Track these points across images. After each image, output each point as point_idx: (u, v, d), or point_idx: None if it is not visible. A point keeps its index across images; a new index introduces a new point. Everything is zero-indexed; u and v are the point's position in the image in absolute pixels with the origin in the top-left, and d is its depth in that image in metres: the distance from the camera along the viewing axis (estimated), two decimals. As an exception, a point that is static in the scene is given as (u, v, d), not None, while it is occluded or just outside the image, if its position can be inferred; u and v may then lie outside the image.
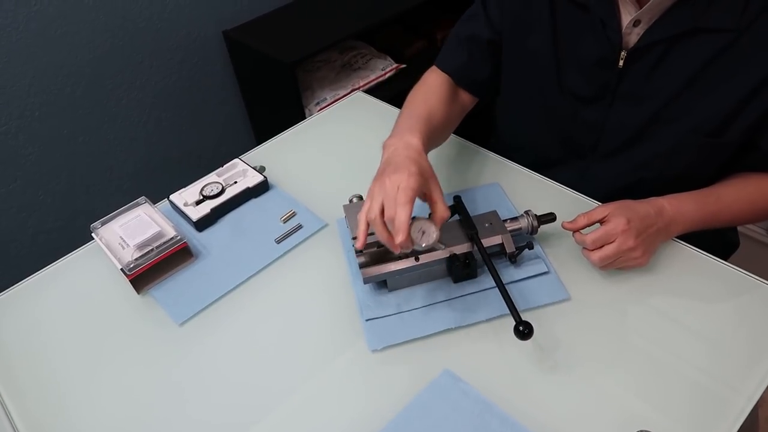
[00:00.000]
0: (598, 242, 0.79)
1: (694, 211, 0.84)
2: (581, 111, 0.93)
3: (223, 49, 1.89)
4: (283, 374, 0.77)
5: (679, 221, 0.83)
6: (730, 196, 0.86)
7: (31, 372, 0.82)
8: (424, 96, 0.97)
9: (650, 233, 0.80)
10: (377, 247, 0.83)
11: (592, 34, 0.85)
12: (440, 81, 1.00)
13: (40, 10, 1.47)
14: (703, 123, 0.84)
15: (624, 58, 0.84)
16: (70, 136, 1.67)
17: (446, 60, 1.03)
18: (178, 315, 0.86)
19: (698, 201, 0.84)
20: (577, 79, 0.91)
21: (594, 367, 0.73)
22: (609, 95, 0.88)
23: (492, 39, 0.98)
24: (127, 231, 0.92)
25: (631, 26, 0.82)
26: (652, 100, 0.85)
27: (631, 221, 0.78)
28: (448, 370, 0.74)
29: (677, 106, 0.84)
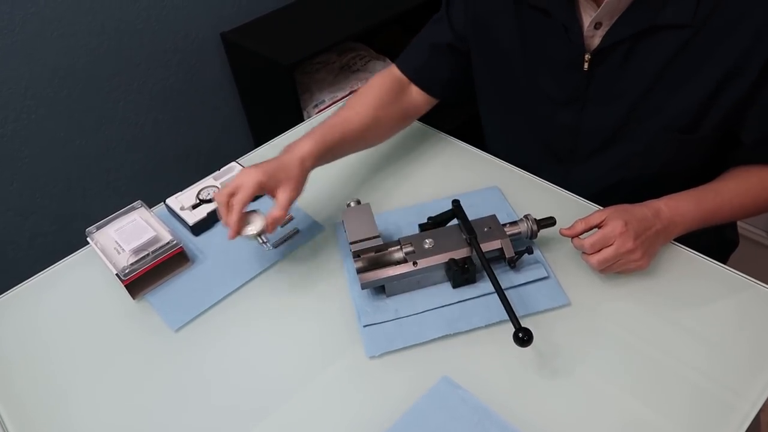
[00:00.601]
0: (596, 245, 0.78)
1: (693, 210, 0.83)
2: (557, 113, 0.94)
3: (220, 51, 1.88)
4: (280, 380, 0.76)
5: (678, 222, 0.82)
6: (730, 190, 0.86)
7: (25, 377, 0.81)
8: (357, 100, 1.00)
9: (649, 235, 0.79)
10: (375, 252, 0.82)
11: (557, 38, 0.86)
12: (384, 83, 1.03)
13: (36, 12, 1.46)
14: (674, 120, 0.84)
15: (588, 61, 0.85)
16: (67, 138, 1.66)
17: (406, 60, 1.05)
18: (174, 321, 0.85)
19: (696, 199, 0.84)
20: (549, 82, 0.92)
21: (595, 374, 0.72)
22: (581, 97, 0.89)
23: (452, 43, 1.00)
24: (123, 235, 0.91)
25: (593, 29, 0.83)
26: (622, 99, 0.86)
27: (628, 223, 0.77)
28: (447, 376, 0.73)
29: (648, 105, 0.85)
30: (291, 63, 1.66)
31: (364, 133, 0.97)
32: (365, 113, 0.98)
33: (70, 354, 0.83)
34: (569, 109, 0.92)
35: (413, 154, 1.10)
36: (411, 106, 1.05)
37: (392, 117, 1.02)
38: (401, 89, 1.04)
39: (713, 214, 0.84)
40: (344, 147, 0.96)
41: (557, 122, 0.94)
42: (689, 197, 0.84)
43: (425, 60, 1.03)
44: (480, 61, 1.00)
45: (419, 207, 0.97)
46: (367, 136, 0.99)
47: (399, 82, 1.04)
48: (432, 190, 1.00)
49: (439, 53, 1.02)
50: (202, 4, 1.76)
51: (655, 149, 0.89)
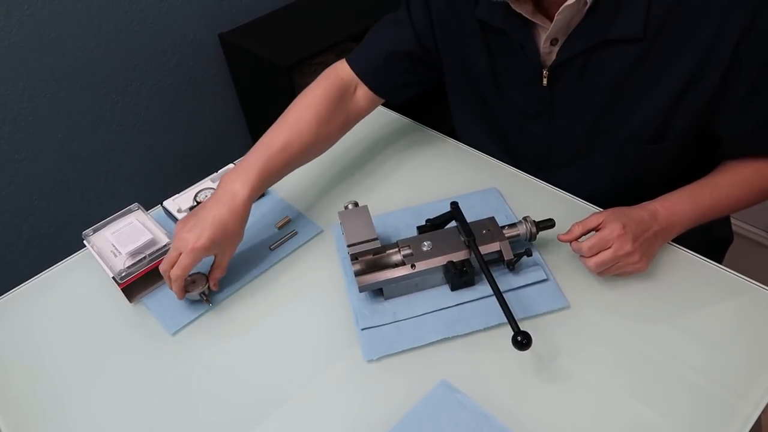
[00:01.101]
0: (594, 249, 0.78)
1: (689, 209, 0.83)
2: (527, 125, 0.95)
3: (218, 52, 1.87)
4: (277, 384, 0.76)
5: (676, 222, 0.82)
6: (727, 183, 0.85)
7: (21, 380, 0.81)
8: (299, 116, 0.94)
9: (647, 237, 0.79)
10: (373, 254, 0.82)
11: (517, 57, 0.88)
12: (328, 92, 0.96)
13: (33, 13, 1.45)
14: (638, 131, 0.86)
15: (547, 77, 0.86)
16: (65, 140, 1.66)
17: (358, 60, 1.00)
18: (171, 324, 0.84)
19: (692, 197, 0.83)
20: (517, 97, 0.93)
21: (595, 377, 0.72)
22: (547, 111, 0.91)
23: (413, 51, 0.97)
24: (120, 238, 0.91)
25: (549, 45, 0.84)
26: (585, 113, 0.88)
27: (626, 226, 0.77)
28: (445, 380, 0.73)
29: (610, 118, 0.86)
30: (289, 64, 1.66)
31: (305, 154, 0.94)
32: (307, 133, 0.93)
33: (66, 357, 0.83)
34: (538, 121, 0.93)
35: (411, 156, 1.09)
36: (353, 112, 1.01)
37: (335, 129, 0.98)
38: (345, 95, 0.99)
39: (711, 209, 0.84)
40: (286, 171, 0.93)
41: (528, 133, 0.96)
42: (684, 196, 0.84)
43: (381, 64, 0.99)
44: (451, 72, 1.01)
45: (417, 209, 0.96)
46: (309, 155, 0.96)
47: (344, 88, 0.99)
48: (430, 191, 1.00)
49: (396, 59, 0.98)
50: (199, 5, 1.76)
51: (622, 160, 0.90)
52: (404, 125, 1.17)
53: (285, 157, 0.90)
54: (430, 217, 0.87)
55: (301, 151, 0.93)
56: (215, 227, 0.81)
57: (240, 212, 0.83)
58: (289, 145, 0.91)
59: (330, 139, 0.99)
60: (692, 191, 0.84)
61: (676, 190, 0.84)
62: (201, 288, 0.85)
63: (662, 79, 0.80)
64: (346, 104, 0.99)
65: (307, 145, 0.93)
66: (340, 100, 0.98)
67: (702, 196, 0.84)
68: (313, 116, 0.94)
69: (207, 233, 0.80)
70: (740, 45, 0.74)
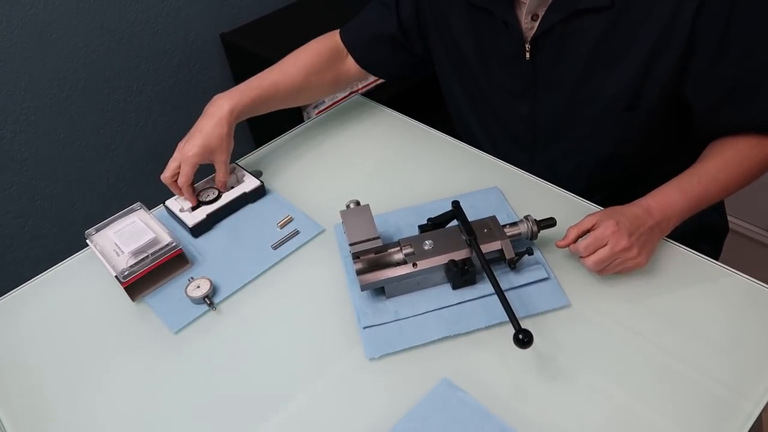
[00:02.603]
0: (590, 247, 0.78)
1: (681, 201, 0.83)
2: (514, 105, 0.98)
3: (220, 51, 1.88)
4: (279, 383, 0.76)
5: (670, 215, 0.82)
6: (712, 168, 0.86)
7: (24, 380, 0.81)
8: (291, 61, 1.07)
9: (643, 231, 0.79)
10: (375, 253, 0.82)
11: (502, 34, 0.91)
12: (322, 50, 1.08)
13: (35, 14, 1.46)
14: (613, 101, 0.88)
15: (529, 50, 0.89)
16: (67, 140, 1.66)
17: (349, 32, 1.11)
18: (174, 323, 0.85)
19: (682, 187, 0.84)
20: (503, 75, 0.96)
21: (596, 375, 0.72)
22: (532, 87, 0.93)
23: (395, 35, 1.05)
24: (122, 238, 0.91)
25: (530, 20, 0.87)
26: (565, 85, 0.91)
27: (620, 222, 0.78)
28: (447, 378, 0.73)
29: (587, 88, 0.89)
30: (290, 64, 1.66)
31: (293, 95, 1.06)
32: (296, 76, 1.05)
33: (69, 356, 0.83)
34: (524, 99, 0.96)
35: (412, 155, 1.10)
36: (344, 74, 1.11)
37: (323, 83, 1.09)
38: (338, 57, 1.10)
39: (703, 197, 0.85)
40: (269, 106, 1.04)
41: (515, 113, 0.99)
42: (674, 188, 0.84)
43: (366, 42, 1.09)
44: (441, 54, 1.04)
45: (419, 208, 0.96)
46: (296, 98, 1.08)
47: (337, 50, 1.10)
48: (431, 190, 1.00)
49: (379, 41, 1.07)
50: (201, 5, 1.76)
51: (602, 130, 0.93)
52: (405, 124, 1.18)
53: (272, 91, 1.03)
54: (432, 216, 0.87)
55: (288, 89, 1.04)
56: (203, 137, 0.96)
57: (224, 122, 0.97)
58: (278, 82, 1.04)
59: (318, 90, 1.10)
60: (681, 182, 0.85)
61: (665, 184, 0.85)
62: (205, 292, 0.86)
63: (632, 48, 0.83)
64: (336, 64, 1.09)
65: (294, 86, 1.05)
66: (331, 59, 1.09)
67: (691, 186, 0.84)
68: (303, 64, 1.06)
69: (197, 143, 0.95)
70: (698, 16, 0.77)
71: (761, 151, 0.85)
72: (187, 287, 0.87)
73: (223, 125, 0.96)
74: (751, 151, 0.85)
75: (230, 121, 0.97)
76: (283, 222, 0.98)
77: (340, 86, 1.13)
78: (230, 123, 0.97)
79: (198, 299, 0.86)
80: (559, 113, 0.95)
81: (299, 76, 1.05)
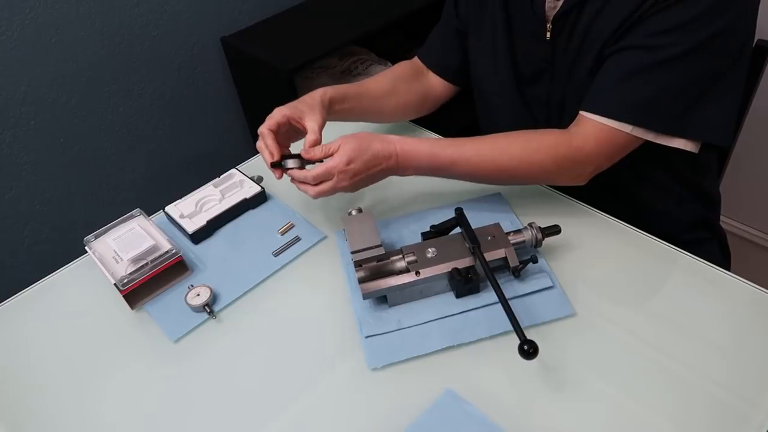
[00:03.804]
0: (318, 178, 0.84)
1: (425, 158, 0.87)
2: (530, 86, 0.98)
3: (221, 56, 1.87)
4: (279, 392, 0.75)
5: (408, 166, 0.88)
6: (472, 148, 0.87)
7: (22, 387, 0.80)
8: (375, 75, 1.09)
9: (373, 174, 0.86)
10: (377, 261, 0.81)
11: (525, 10, 0.91)
12: (404, 66, 1.12)
13: (34, 17, 1.45)
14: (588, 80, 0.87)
15: (550, 30, 0.89)
16: (66, 145, 1.65)
17: (423, 49, 1.14)
18: (173, 331, 0.84)
19: (432, 149, 0.87)
20: (525, 55, 0.96)
21: (603, 385, 0.71)
22: (549, 69, 0.93)
23: (459, 29, 1.06)
24: (121, 244, 0.90)
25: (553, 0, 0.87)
26: (574, 65, 0.89)
27: (351, 162, 0.83)
28: (451, 389, 0.72)
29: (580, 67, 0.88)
30: (291, 68, 1.65)
31: (381, 97, 1.05)
32: (383, 81, 1.06)
33: (67, 363, 0.82)
34: (541, 82, 0.96)
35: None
36: (430, 88, 1.11)
37: (410, 91, 1.09)
38: (419, 72, 1.12)
39: (446, 166, 0.88)
40: (361, 102, 1.02)
41: (533, 96, 0.98)
42: (426, 145, 0.87)
43: (437, 47, 1.11)
44: (473, 42, 1.04)
45: (421, 215, 0.95)
46: (386, 102, 1.06)
47: (418, 67, 1.12)
48: (434, 197, 0.99)
49: (448, 39, 1.08)
50: (202, 8, 1.76)
51: None
52: (408, 130, 1.17)
53: (362, 89, 1.03)
54: (435, 223, 0.86)
55: (376, 92, 1.04)
56: (295, 101, 0.94)
57: (316, 95, 0.95)
58: (367, 82, 1.05)
59: (405, 100, 1.08)
60: (436, 144, 0.88)
61: (423, 138, 0.89)
62: (205, 300, 0.84)
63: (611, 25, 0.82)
64: (421, 77, 1.11)
65: (382, 90, 1.05)
66: (415, 74, 1.11)
67: (441, 152, 0.87)
68: (390, 72, 1.10)
69: (290, 104, 0.93)
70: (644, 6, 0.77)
71: (552, 147, 0.85)
72: (187, 295, 0.86)
73: (315, 97, 0.94)
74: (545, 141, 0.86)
75: (322, 97, 0.95)
76: (284, 228, 0.97)
77: (428, 103, 1.12)
78: (322, 98, 0.95)
79: (198, 307, 0.84)
80: (569, 94, 0.93)
81: (387, 79, 1.07)
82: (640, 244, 0.87)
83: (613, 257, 0.86)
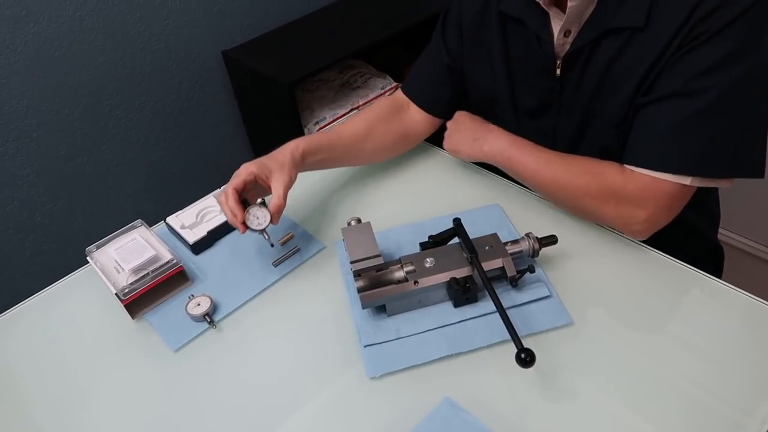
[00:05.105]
0: None
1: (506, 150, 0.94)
2: (535, 119, 0.98)
3: (222, 69, 1.89)
4: (279, 401, 0.75)
5: (489, 152, 0.96)
6: (547, 158, 0.91)
7: (24, 397, 0.80)
8: (353, 116, 1.07)
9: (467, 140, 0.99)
10: (376, 271, 0.81)
11: (533, 47, 0.90)
12: (383, 103, 1.09)
13: (38, 31, 1.47)
14: (611, 117, 0.87)
15: (560, 67, 0.88)
16: (68, 156, 1.67)
17: (407, 83, 1.11)
18: (174, 341, 0.84)
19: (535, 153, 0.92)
20: (528, 89, 0.96)
21: (599, 394, 0.71)
22: (556, 102, 0.93)
23: (450, 64, 1.04)
24: (123, 254, 0.91)
25: (563, 37, 0.86)
26: (583, 100, 0.89)
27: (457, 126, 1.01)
28: (449, 398, 0.72)
29: (597, 104, 0.88)
30: (291, 81, 1.67)
31: (356, 142, 1.03)
32: (359, 124, 1.04)
33: (69, 373, 0.83)
34: (548, 115, 0.95)
35: (414, 172, 1.10)
36: (410, 124, 1.09)
37: (389, 132, 1.06)
38: (400, 108, 1.09)
39: (516, 168, 0.94)
40: (336, 151, 1.00)
41: (536, 130, 0.97)
42: (530, 153, 0.92)
43: (424, 81, 1.08)
44: (472, 75, 1.03)
45: (420, 225, 0.96)
46: (361, 147, 1.04)
47: (399, 103, 1.09)
48: (433, 208, 1.00)
49: (436, 78, 1.06)
50: (203, 22, 1.78)
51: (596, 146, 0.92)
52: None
53: (335, 137, 1.01)
54: (433, 233, 0.87)
55: (352, 136, 1.03)
56: (264, 157, 0.93)
57: (286, 151, 0.93)
58: (342, 129, 1.03)
59: (382, 141, 1.06)
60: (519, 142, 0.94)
61: (523, 140, 0.94)
62: (205, 310, 0.85)
63: (636, 67, 0.81)
64: (400, 115, 1.09)
65: (358, 135, 1.03)
66: (395, 110, 1.08)
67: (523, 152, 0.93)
68: (366, 115, 1.07)
69: (257, 159, 0.92)
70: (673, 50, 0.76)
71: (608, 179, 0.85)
72: (188, 305, 0.87)
73: (285, 153, 0.93)
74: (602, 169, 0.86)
75: (293, 152, 0.93)
76: (284, 239, 0.97)
77: (408, 140, 1.10)
78: (293, 153, 0.93)
79: (198, 317, 0.85)
80: (573, 130, 0.93)
81: (363, 123, 1.04)
82: (636, 254, 0.88)
83: (609, 267, 0.86)
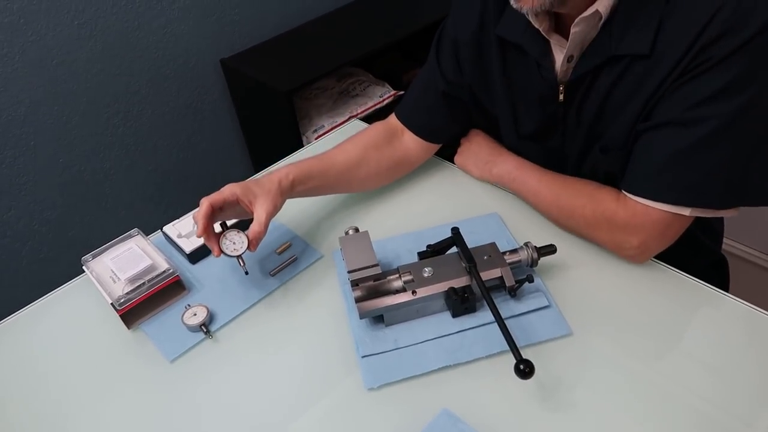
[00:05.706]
0: None
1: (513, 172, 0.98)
2: (537, 145, 0.97)
3: (220, 77, 1.89)
4: (276, 412, 0.75)
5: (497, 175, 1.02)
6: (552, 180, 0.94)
7: (18, 406, 0.80)
8: (346, 141, 1.04)
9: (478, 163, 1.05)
10: (374, 281, 0.81)
11: (531, 73, 0.89)
12: (377, 129, 1.06)
13: (36, 40, 1.47)
14: (611, 141, 0.86)
15: (563, 92, 0.87)
16: (65, 165, 1.66)
17: (400, 109, 1.08)
18: (170, 351, 0.83)
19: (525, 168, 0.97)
20: (526, 113, 0.94)
21: (599, 405, 0.71)
22: (560, 126, 0.91)
23: (445, 90, 1.01)
24: (119, 264, 0.90)
25: (566, 63, 0.84)
26: (584, 125, 0.88)
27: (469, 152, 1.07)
28: (447, 409, 0.71)
29: (598, 127, 0.87)
30: (289, 89, 1.67)
31: (349, 169, 0.99)
32: (352, 151, 1.01)
33: (64, 384, 0.82)
34: (552, 137, 0.93)
35: (412, 181, 1.09)
36: (405, 151, 1.06)
37: (383, 159, 1.03)
38: (394, 135, 1.06)
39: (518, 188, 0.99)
40: (327, 179, 0.97)
41: (546, 149, 0.96)
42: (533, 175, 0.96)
43: (418, 107, 1.05)
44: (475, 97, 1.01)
45: (418, 234, 0.96)
46: (354, 174, 1.00)
47: (393, 129, 1.06)
48: (431, 217, 0.99)
49: (432, 100, 1.03)
50: (201, 30, 1.78)
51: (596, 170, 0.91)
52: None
53: (328, 163, 0.98)
54: (431, 242, 0.86)
55: (344, 164, 0.99)
56: (248, 182, 0.89)
57: (274, 178, 0.90)
58: (335, 154, 1.00)
59: (376, 168, 1.03)
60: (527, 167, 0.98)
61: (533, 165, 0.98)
62: (202, 320, 0.85)
63: (638, 93, 0.80)
64: (393, 142, 1.05)
65: (350, 161, 1.00)
66: (389, 137, 1.05)
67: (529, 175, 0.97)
68: (360, 140, 1.03)
69: (242, 182, 0.89)
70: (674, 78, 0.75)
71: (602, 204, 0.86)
72: (184, 315, 0.86)
73: (273, 180, 0.90)
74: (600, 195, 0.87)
75: (282, 180, 0.90)
76: (281, 248, 0.97)
77: (403, 167, 1.07)
78: (281, 181, 0.90)
79: (194, 327, 0.85)
80: (578, 152, 0.92)
81: (356, 149, 1.01)
82: (636, 264, 0.87)
83: (609, 277, 0.86)
